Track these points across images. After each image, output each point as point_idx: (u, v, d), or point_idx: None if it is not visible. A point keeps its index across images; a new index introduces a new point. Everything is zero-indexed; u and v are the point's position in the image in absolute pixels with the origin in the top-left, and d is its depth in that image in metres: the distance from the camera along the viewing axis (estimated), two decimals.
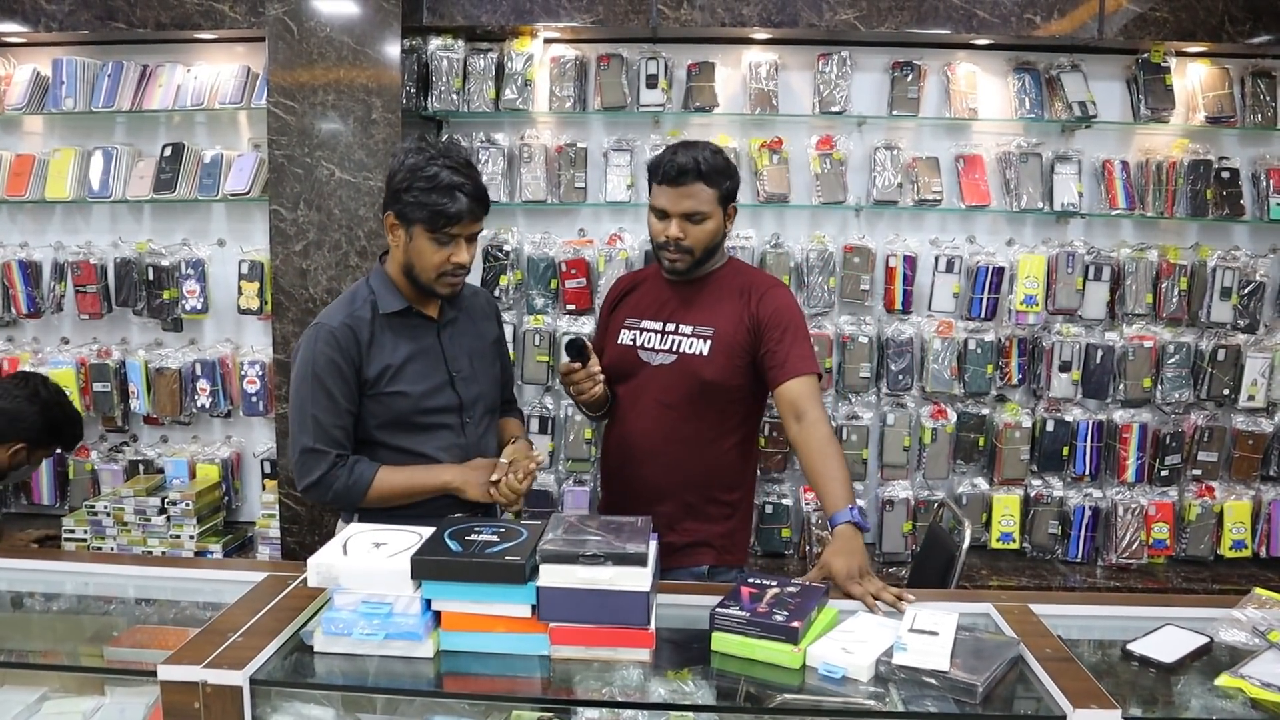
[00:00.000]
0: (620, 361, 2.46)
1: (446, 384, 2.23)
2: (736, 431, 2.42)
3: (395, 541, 1.87)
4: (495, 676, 1.78)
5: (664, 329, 2.41)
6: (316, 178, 3.23)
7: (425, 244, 2.11)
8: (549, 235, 3.62)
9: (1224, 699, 1.73)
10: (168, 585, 2.23)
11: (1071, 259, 3.51)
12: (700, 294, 2.41)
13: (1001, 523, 3.61)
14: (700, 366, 2.35)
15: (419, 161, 2.08)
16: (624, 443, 2.46)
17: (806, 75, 3.58)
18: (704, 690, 1.72)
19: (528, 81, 3.49)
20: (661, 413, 2.38)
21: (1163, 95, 3.47)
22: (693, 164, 2.26)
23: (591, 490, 3.64)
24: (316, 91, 3.20)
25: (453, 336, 2.27)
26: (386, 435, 2.21)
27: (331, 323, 2.16)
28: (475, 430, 2.28)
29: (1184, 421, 3.63)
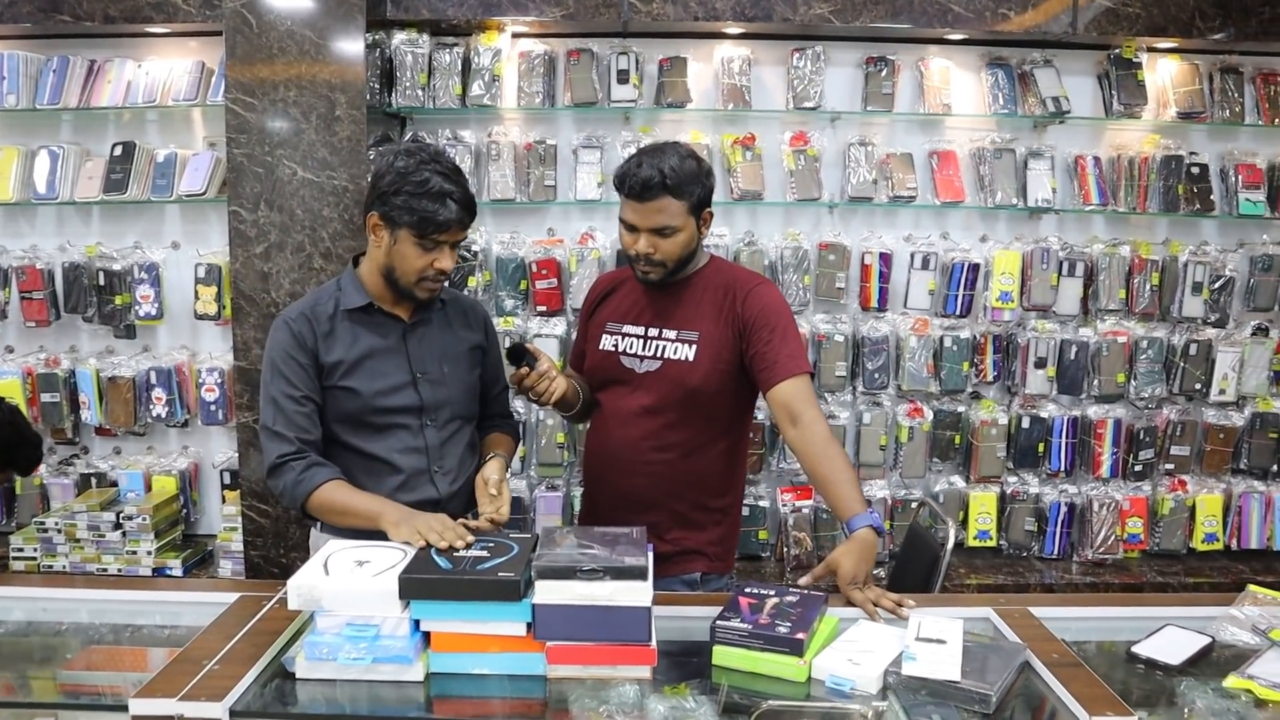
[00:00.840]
0: (602, 368, 2.37)
1: (408, 384, 2.16)
2: (724, 437, 2.34)
3: (379, 559, 1.77)
4: (489, 699, 1.69)
5: (646, 334, 2.31)
6: (278, 177, 3.10)
7: (410, 248, 2.06)
8: (518, 235, 3.53)
9: (1234, 700, 1.71)
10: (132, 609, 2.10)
11: (1046, 255, 3.50)
12: (683, 297, 2.31)
13: (978, 520, 3.60)
14: (686, 373, 2.26)
15: (409, 165, 2.03)
16: (608, 451, 2.36)
17: (779, 70, 3.53)
18: (706, 707, 1.64)
19: (495, 77, 3.39)
20: (647, 420, 2.29)
21: (1135, 91, 3.48)
22: (658, 177, 2.13)
23: (565, 496, 3.55)
24: (277, 88, 3.07)
25: (422, 338, 2.21)
26: (343, 431, 2.16)
27: (290, 315, 2.16)
28: (437, 435, 2.19)
29: (1156, 416, 3.64)
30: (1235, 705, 1.70)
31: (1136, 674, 1.83)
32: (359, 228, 3.13)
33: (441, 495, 2.17)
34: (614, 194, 3.43)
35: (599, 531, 1.85)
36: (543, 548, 1.75)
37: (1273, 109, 3.57)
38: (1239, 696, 1.72)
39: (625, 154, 3.45)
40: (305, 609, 1.70)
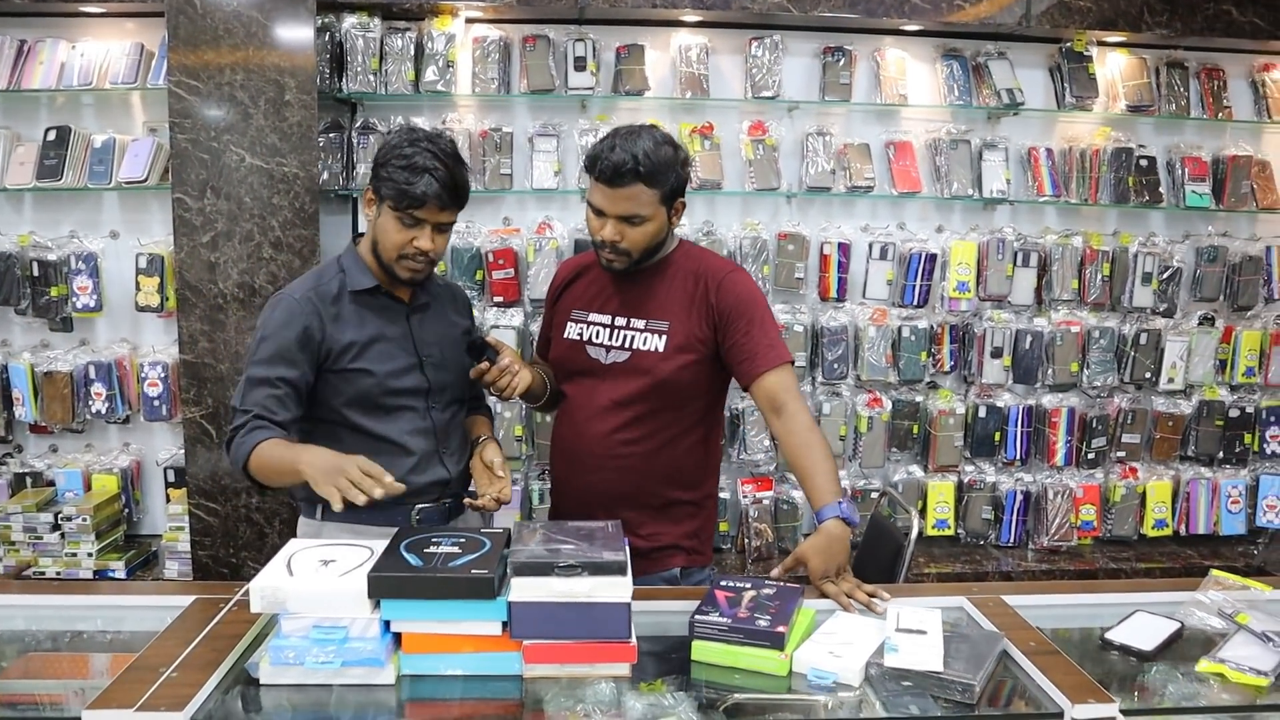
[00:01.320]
0: (568, 358, 2.29)
1: (415, 367, 2.16)
2: (697, 428, 2.27)
3: (344, 558, 1.70)
4: (463, 700, 1.63)
5: (614, 323, 2.24)
6: (224, 164, 2.98)
7: (390, 222, 2.04)
8: (473, 224, 3.44)
9: (1206, 684, 1.72)
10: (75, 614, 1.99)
11: (1001, 245, 3.52)
12: (651, 285, 2.23)
13: (937, 509, 3.61)
14: (656, 364, 2.18)
15: (400, 140, 2.04)
16: (576, 445, 2.28)
17: (737, 59, 3.49)
18: (685, 704, 1.60)
19: (449, 63, 3.31)
20: (616, 413, 2.21)
21: (1086, 84, 3.51)
22: (631, 163, 2.03)
23: (523, 489, 3.48)
24: (223, 71, 2.96)
25: (423, 321, 2.20)
26: (352, 414, 2.12)
27: (295, 293, 2.11)
28: (441, 416, 2.20)
29: (1109, 405, 3.69)
30: (1208, 689, 1.71)
31: (1110, 660, 1.83)
32: (310, 216, 3.02)
33: (452, 475, 2.19)
34: (571, 183, 3.44)
35: (574, 526, 1.80)
36: (516, 543, 1.69)
37: (1216, 103, 3.64)
38: (1211, 680, 1.73)
39: (582, 143, 3.40)
40: (269, 611, 1.62)
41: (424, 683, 1.62)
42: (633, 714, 1.56)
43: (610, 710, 1.56)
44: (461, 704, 1.63)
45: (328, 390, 2.11)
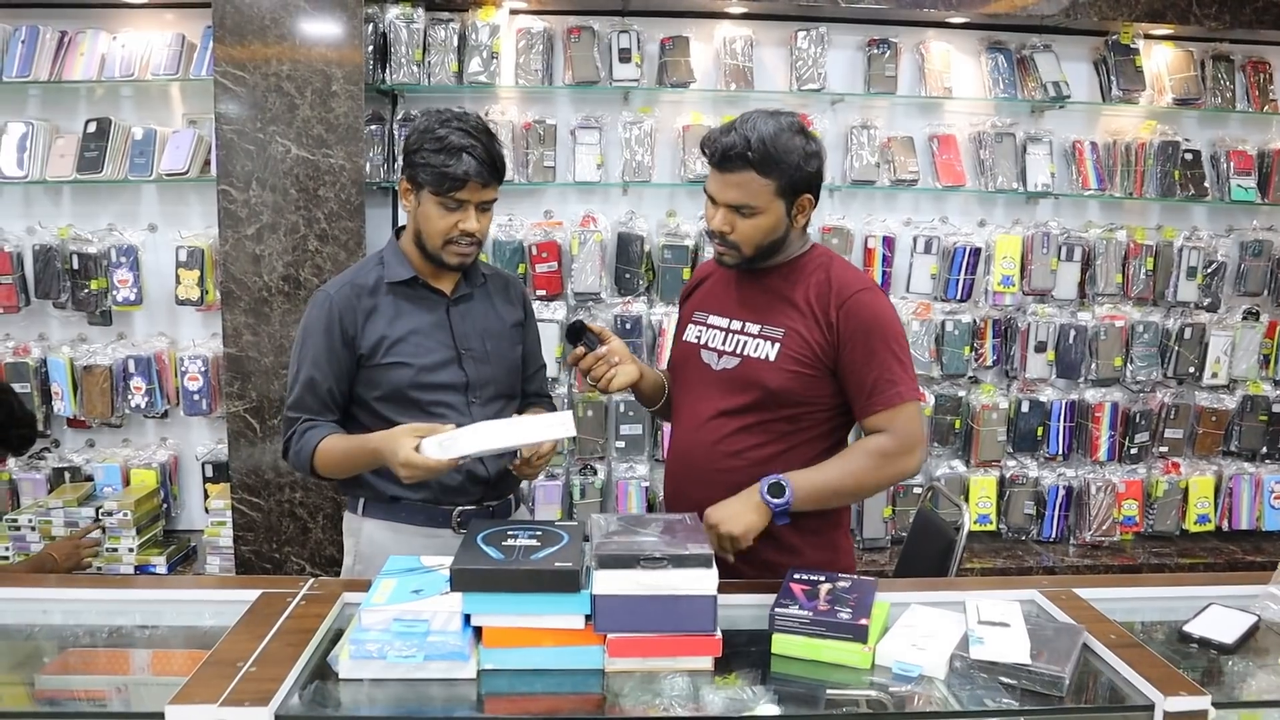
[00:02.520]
0: (682, 361, 2.12)
1: (453, 360, 2.08)
2: (820, 443, 2.04)
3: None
4: (544, 695, 1.59)
5: (729, 327, 2.04)
6: (270, 155, 2.95)
7: (433, 209, 1.98)
8: (515, 217, 3.42)
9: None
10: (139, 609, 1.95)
11: (1046, 239, 3.49)
12: (773, 288, 2.01)
13: (979, 504, 3.58)
14: (764, 373, 1.96)
15: (430, 123, 1.98)
16: (685, 457, 2.08)
17: (781, 52, 3.47)
18: (765, 697, 1.56)
19: (493, 54, 3.28)
20: (724, 423, 2.01)
21: (1133, 76, 3.48)
22: (741, 145, 1.84)
23: (564, 485, 3.45)
24: (269, 62, 2.93)
25: (465, 314, 2.13)
26: (388, 409, 2.07)
27: (331, 289, 2.08)
28: (483, 412, 2.10)
29: (1151, 399, 3.65)
30: None
31: (1191, 653, 1.80)
32: (356, 208, 2.99)
33: (491, 475, 2.11)
34: (614, 176, 3.42)
35: (652, 518, 1.76)
36: (596, 535, 1.66)
37: (1262, 96, 3.60)
38: None
39: (625, 135, 3.37)
40: (445, 456, 1.81)
41: (504, 677, 1.59)
42: (713, 708, 1.53)
43: (690, 704, 1.53)
44: (542, 698, 1.59)
45: (363, 385, 2.07)
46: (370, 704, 1.54)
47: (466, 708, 1.54)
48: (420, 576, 1.69)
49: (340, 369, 2.04)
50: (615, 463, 3.50)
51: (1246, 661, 1.76)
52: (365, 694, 1.54)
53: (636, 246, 3.36)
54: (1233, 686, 1.70)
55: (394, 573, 1.71)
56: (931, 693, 1.59)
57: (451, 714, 1.54)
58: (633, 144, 3.36)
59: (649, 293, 3.44)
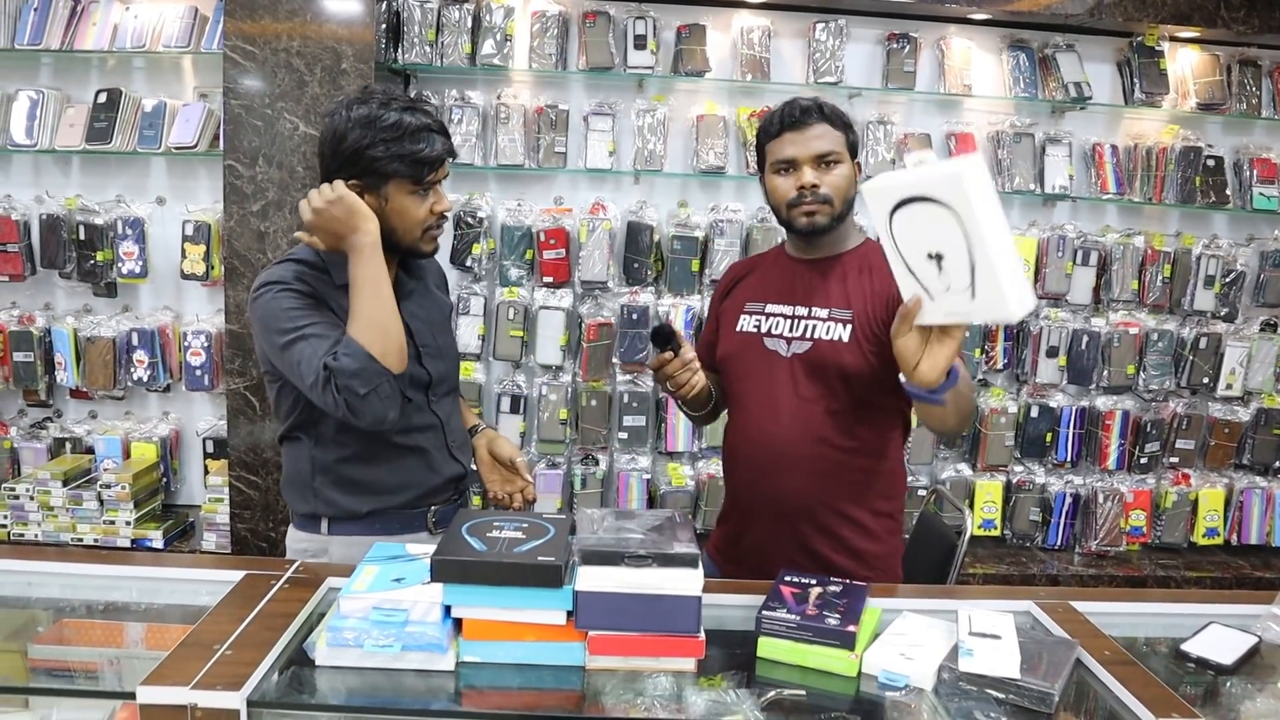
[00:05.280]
0: (741, 352, 2.09)
1: (413, 359, 1.94)
2: (892, 429, 2.07)
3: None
4: (523, 690, 1.56)
5: (794, 313, 2.05)
6: (278, 131, 2.93)
7: (407, 200, 1.83)
8: (525, 202, 3.38)
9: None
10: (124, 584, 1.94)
11: (1062, 242, 3.44)
12: (833, 273, 2.04)
13: (984, 509, 3.54)
14: (841, 354, 1.98)
15: (370, 112, 1.79)
16: (762, 449, 2.07)
17: (799, 43, 3.42)
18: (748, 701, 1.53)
19: (507, 37, 3.25)
20: (801, 409, 2.01)
21: (1157, 79, 3.41)
22: (815, 105, 1.97)
23: (565, 474, 3.43)
24: (279, 38, 2.91)
25: (413, 309, 1.99)
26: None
27: (283, 274, 1.84)
28: (443, 408, 2.04)
29: (1163, 409, 3.60)
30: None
31: (1188, 673, 1.75)
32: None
33: (465, 469, 2.06)
34: (625, 164, 3.37)
35: (639, 515, 1.73)
36: (582, 530, 1.63)
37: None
38: None
39: (638, 123, 3.33)
40: None
41: (482, 670, 1.56)
42: (695, 710, 1.49)
43: (672, 705, 1.50)
44: (521, 693, 1.56)
45: None
46: (345, 693, 1.51)
47: (443, 700, 1.52)
48: (403, 565, 1.66)
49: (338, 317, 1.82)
50: (617, 454, 3.47)
51: (1245, 684, 1.72)
52: (341, 682, 1.52)
53: (646, 236, 3.32)
54: (1228, 710, 1.66)
55: (377, 560, 1.69)
56: (917, 704, 1.56)
57: (428, 706, 1.52)
58: (645, 132, 3.32)
59: (657, 283, 3.40)
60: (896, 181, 1.48)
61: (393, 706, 1.52)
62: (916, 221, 1.49)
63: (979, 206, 1.43)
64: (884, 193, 1.49)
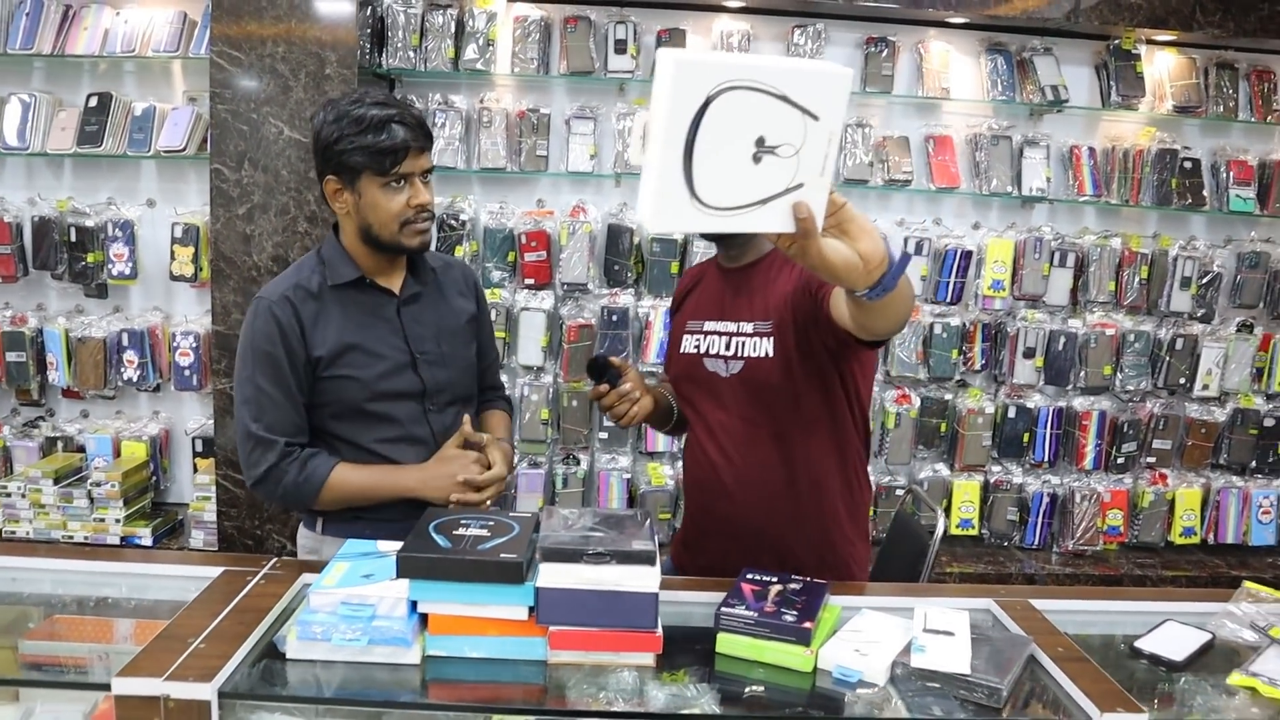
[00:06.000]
0: (688, 374, 2.06)
1: (407, 366, 1.98)
2: (844, 441, 2.01)
3: None
4: (487, 683, 1.62)
5: (726, 329, 2.00)
6: (263, 135, 2.98)
7: (378, 194, 1.87)
8: (507, 205, 3.44)
9: (1236, 697, 1.69)
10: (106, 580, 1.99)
11: (1039, 244, 3.48)
12: (755, 280, 1.98)
13: (961, 509, 3.59)
14: (770, 373, 1.92)
15: (339, 111, 1.86)
16: (708, 473, 2.04)
17: (779, 47, 3.46)
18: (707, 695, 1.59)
19: (489, 41, 3.30)
20: (748, 433, 1.97)
21: (1134, 82, 3.46)
22: None
23: (547, 473, 3.48)
24: (265, 43, 2.96)
25: (417, 313, 2.02)
26: (339, 426, 1.98)
27: (271, 296, 1.93)
28: (441, 420, 2.04)
29: (1140, 409, 3.65)
30: (1237, 702, 1.68)
31: (1140, 669, 1.80)
32: None
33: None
34: (606, 167, 3.43)
35: (602, 513, 1.78)
36: (545, 529, 1.68)
37: (1265, 106, 3.57)
38: (1241, 694, 1.70)
39: (619, 127, 3.37)
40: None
41: (448, 664, 1.61)
42: (655, 703, 1.54)
43: (633, 699, 1.55)
44: (485, 687, 1.62)
45: (313, 399, 1.96)
46: (315, 685, 1.56)
47: (409, 693, 1.57)
48: (374, 561, 1.71)
49: (301, 382, 1.93)
50: (598, 454, 3.52)
51: (1194, 679, 1.76)
52: (311, 675, 1.57)
53: (626, 239, 3.37)
54: (1175, 704, 1.71)
55: (349, 556, 1.74)
56: (869, 699, 1.61)
57: (394, 698, 1.57)
58: (626, 136, 3.37)
59: (637, 285, 3.46)
60: (734, 63, 1.17)
61: (360, 698, 1.58)
62: (744, 111, 1.19)
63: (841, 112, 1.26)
64: (713, 70, 1.16)
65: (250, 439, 1.92)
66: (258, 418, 1.91)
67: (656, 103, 1.14)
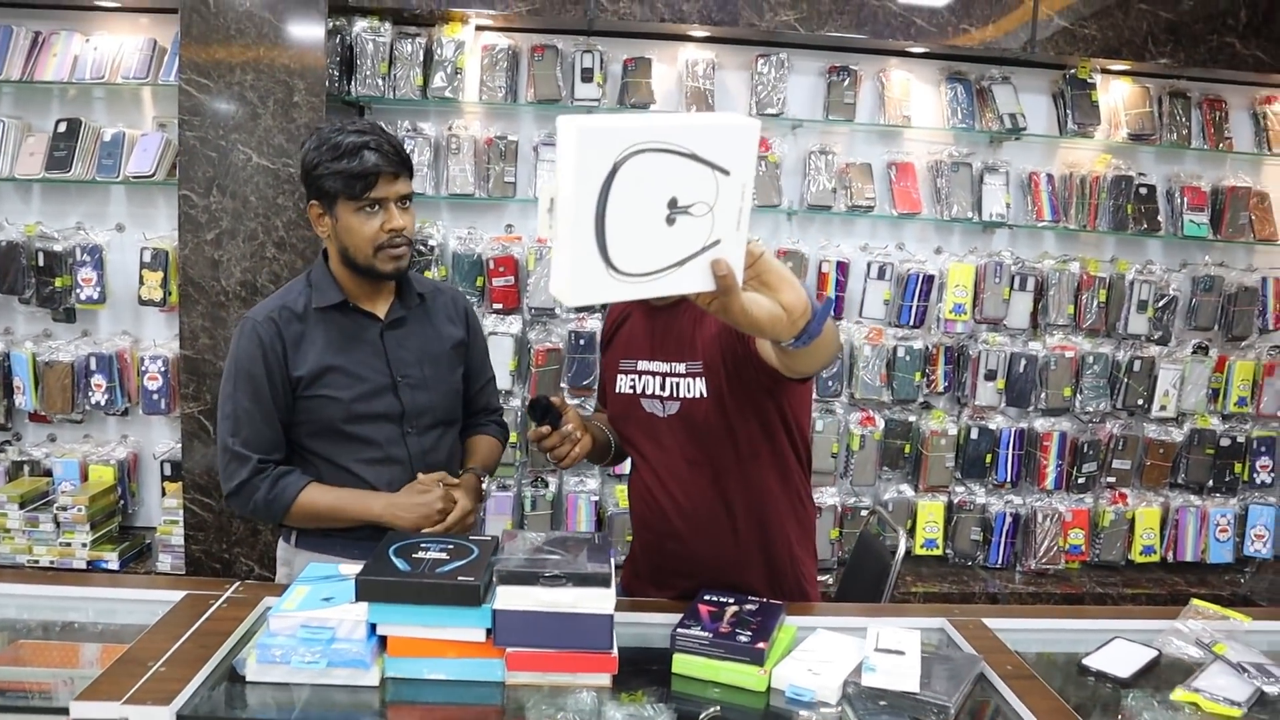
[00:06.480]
0: (626, 416, 2.06)
1: (387, 389, 2.05)
2: (785, 471, 2.02)
3: None
4: (446, 705, 1.65)
5: (659, 369, 1.99)
6: (231, 162, 3.02)
7: (352, 218, 1.95)
8: (475, 230, 3.48)
9: (1180, 712, 1.74)
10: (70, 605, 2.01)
11: (999, 269, 3.55)
12: (682, 318, 1.97)
13: (926, 529, 3.64)
14: (707, 412, 1.92)
15: (322, 136, 1.97)
16: (654, 512, 2.05)
17: (743, 75, 3.54)
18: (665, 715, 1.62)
19: (458, 70, 3.35)
20: (691, 475, 1.98)
21: (1089, 111, 3.55)
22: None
23: (515, 495, 3.51)
24: (234, 70, 2.99)
25: (401, 337, 2.09)
26: (317, 444, 2.05)
27: (257, 316, 2.03)
28: (420, 443, 2.09)
29: (1100, 430, 3.72)
30: (1181, 718, 1.73)
31: (1087, 686, 1.85)
32: None
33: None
34: None
35: (559, 536, 1.82)
36: (503, 551, 1.72)
37: (1217, 134, 3.67)
38: (1185, 709, 1.75)
39: None
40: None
41: (407, 686, 1.64)
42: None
43: (590, 719, 1.58)
44: (444, 708, 1.64)
45: (293, 418, 2.03)
46: (274, 708, 1.58)
47: (368, 715, 1.59)
48: (334, 584, 1.74)
49: (280, 401, 2.01)
50: (566, 476, 3.55)
51: (1140, 695, 1.81)
52: (270, 697, 1.59)
53: None
54: (1114, 718, 1.76)
55: (310, 579, 1.76)
56: (821, 716, 1.65)
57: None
58: None
59: (603, 310, 3.50)
60: (639, 126, 1.14)
61: None
62: (654, 173, 1.16)
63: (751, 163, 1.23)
64: (618, 135, 1.12)
65: (227, 453, 2.01)
66: (235, 433, 2.00)
67: (563, 174, 1.11)
